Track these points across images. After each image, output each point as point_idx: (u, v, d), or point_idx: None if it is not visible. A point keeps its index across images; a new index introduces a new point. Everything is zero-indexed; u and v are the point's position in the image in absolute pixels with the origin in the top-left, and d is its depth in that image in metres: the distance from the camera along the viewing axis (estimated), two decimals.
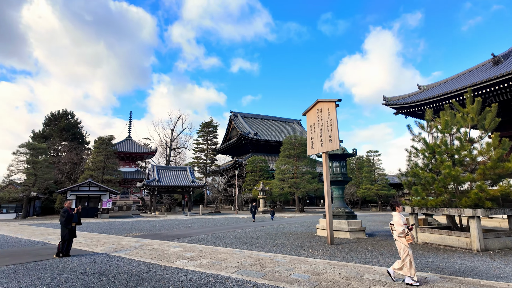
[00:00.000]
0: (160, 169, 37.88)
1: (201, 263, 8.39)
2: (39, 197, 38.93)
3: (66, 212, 9.61)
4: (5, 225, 22.08)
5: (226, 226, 20.70)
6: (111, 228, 19.04)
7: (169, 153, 62.62)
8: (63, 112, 51.68)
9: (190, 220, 26.07)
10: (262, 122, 64.35)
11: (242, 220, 26.66)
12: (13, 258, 9.32)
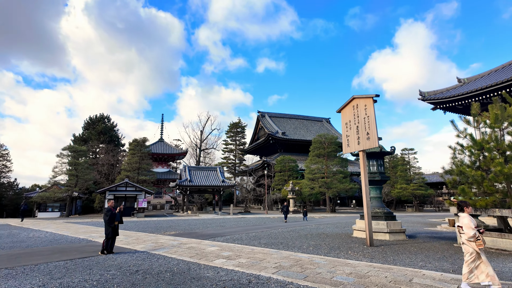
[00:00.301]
0: (192, 170, 38.72)
1: (240, 262, 8.37)
2: (80, 197, 41.32)
3: (110, 211, 10.01)
4: (52, 223, 23.59)
5: (258, 226, 20.68)
6: (148, 227, 19.69)
7: (199, 154, 63.96)
8: (100, 116, 54.50)
9: (222, 220, 26.36)
10: (289, 121, 63.84)
11: (273, 220, 26.52)
12: (63, 254, 9.86)
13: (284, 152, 55.06)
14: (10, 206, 45.91)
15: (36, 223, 24.34)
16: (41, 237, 14.56)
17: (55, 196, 34.67)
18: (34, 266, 8.07)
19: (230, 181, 41.63)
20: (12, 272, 7.40)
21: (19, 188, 52.96)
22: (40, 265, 8.18)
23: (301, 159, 52.11)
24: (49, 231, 17.04)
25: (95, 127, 52.09)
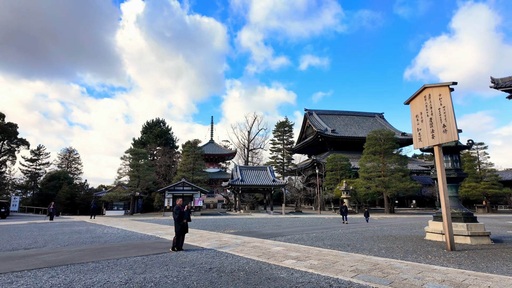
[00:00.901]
0: (243, 169, 39.23)
1: (311, 264, 8.02)
2: (141, 196, 44.30)
3: (179, 210, 10.33)
4: (120, 221, 25.51)
5: (315, 226, 20.07)
6: (206, 225, 20.24)
7: (247, 154, 64.73)
8: (156, 120, 58.02)
9: (276, 219, 26.18)
10: (339, 118, 61.60)
11: (329, 220, 25.63)
12: (138, 250, 10.42)
13: (334, 151, 53.22)
14: (82, 205, 50.97)
15: (106, 220, 26.52)
16: (114, 233, 15.71)
17: (120, 196, 37.57)
18: (116, 260, 8.59)
19: (281, 181, 41.34)
20: (99, 265, 7.93)
21: (89, 189, 58.69)
22: (121, 259, 8.68)
23: (354, 157, 49.90)
24: (119, 228, 18.36)
25: (152, 131, 55.56)
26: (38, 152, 54.93)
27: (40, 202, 48.86)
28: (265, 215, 32.62)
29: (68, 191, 48.81)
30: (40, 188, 52.54)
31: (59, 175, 52.52)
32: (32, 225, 20.60)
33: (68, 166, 61.03)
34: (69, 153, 62.12)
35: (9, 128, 45.99)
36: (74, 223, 23.01)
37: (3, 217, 29.04)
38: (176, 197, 32.97)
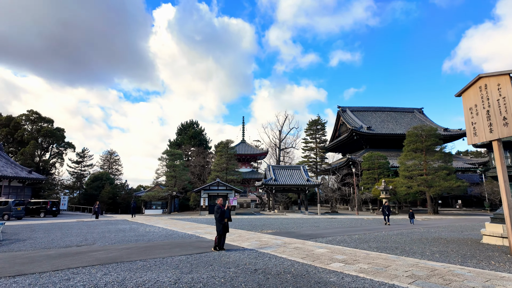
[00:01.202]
0: (276, 169, 38.97)
1: (361, 268, 7.58)
2: (178, 196, 45.65)
3: (220, 209, 10.33)
4: (159, 219, 26.35)
5: (355, 227, 19.31)
6: (243, 224, 20.23)
7: (279, 153, 64.33)
8: (190, 122, 59.52)
9: (312, 220, 25.61)
10: (374, 114, 59.18)
11: (369, 221, 24.60)
12: (181, 249, 10.56)
13: (371, 148, 51.17)
14: (123, 204, 53.58)
15: (146, 219, 27.53)
16: (156, 232, 16.17)
17: (158, 195, 38.94)
18: (162, 259, 8.73)
19: (315, 180, 40.53)
20: (146, 264, 8.09)
21: (129, 188, 61.57)
22: (166, 258, 8.82)
23: (392, 155, 47.66)
24: (160, 227, 18.91)
25: (187, 132, 57.07)
26: (83, 154, 58.57)
27: (85, 201, 52.06)
28: (300, 215, 32.10)
29: (110, 191, 51.50)
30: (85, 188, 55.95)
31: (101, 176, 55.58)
32: (80, 223, 21.89)
33: (110, 167, 64.41)
34: (110, 155, 65.58)
35: (57, 133, 49.52)
36: (118, 221, 24.11)
37: (54, 215, 31.24)
38: (211, 197, 33.53)
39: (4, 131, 46.30)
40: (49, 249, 10.71)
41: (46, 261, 8.35)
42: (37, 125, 48.83)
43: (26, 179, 35.28)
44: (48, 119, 50.02)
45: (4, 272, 7.04)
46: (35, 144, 45.06)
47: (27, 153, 43.65)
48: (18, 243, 12.00)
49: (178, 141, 57.24)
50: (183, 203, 49.68)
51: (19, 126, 47.60)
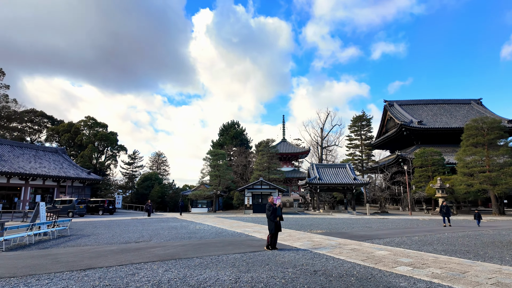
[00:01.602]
0: (320, 167, 37.97)
1: (434, 273, 6.85)
2: (222, 195, 46.57)
3: (271, 207, 10.13)
4: (206, 217, 26.97)
5: (412, 228, 17.96)
6: (289, 224, 19.86)
7: (321, 152, 62.81)
8: (231, 122, 60.52)
9: (362, 220, 24.43)
10: (425, 107, 55.10)
11: (425, 222, 22.83)
12: (234, 247, 10.53)
13: (422, 144, 47.68)
14: (171, 202, 56.06)
15: (194, 217, 28.36)
16: (206, 229, 16.47)
17: (204, 194, 40.05)
18: (217, 256, 8.74)
19: (363, 179, 38.77)
20: (203, 261, 8.14)
21: (176, 188, 64.34)
22: (221, 256, 8.81)
23: (447, 151, 43.98)
24: (209, 225, 19.27)
25: (228, 133, 58.11)
26: (134, 156, 62.41)
27: (137, 200, 55.39)
28: (348, 215, 30.87)
29: (159, 190, 54.23)
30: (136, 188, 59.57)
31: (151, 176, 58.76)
32: (135, 221, 23.17)
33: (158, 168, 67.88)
34: (158, 156, 69.14)
35: (111, 136, 53.31)
36: (168, 219, 25.13)
37: (111, 213, 33.56)
38: (255, 196, 33.61)
39: (66, 136, 50.96)
40: (112, 244, 11.34)
41: (111, 256, 8.79)
42: (93, 129, 53.03)
43: (86, 179, 38.40)
44: (103, 124, 54.07)
45: (76, 266, 7.50)
46: (93, 147, 48.96)
47: (86, 156, 47.57)
48: (84, 238, 12.91)
49: (220, 141, 58.48)
50: (227, 202, 50.60)
51: (78, 131, 52.10)
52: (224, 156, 42.48)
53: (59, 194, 36.12)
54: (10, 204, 31.49)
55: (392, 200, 50.08)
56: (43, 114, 55.57)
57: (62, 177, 35.04)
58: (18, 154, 35.02)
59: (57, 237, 13.13)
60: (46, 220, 14.52)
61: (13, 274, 6.70)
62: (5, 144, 35.66)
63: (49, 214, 17.68)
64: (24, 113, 50.34)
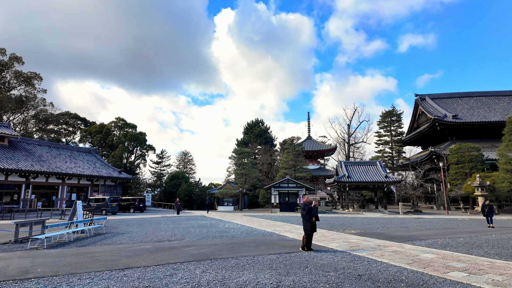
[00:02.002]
0: (348, 165, 36.85)
1: (495, 280, 6.19)
2: (247, 193, 46.58)
3: (306, 206, 9.74)
4: (234, 216, 26.95)
5: (453, 229, 16.85)
6: (320, 223, 19.23)
7: (348, 149, 61.14)
8: (256, 121, 60.41)
9: (396, 220, 23.37)
10: (460, 101, 52.03)
11: (465, 222, 21.43)
12: (268, 247, 10.25)
13: (458, 140, 45.07)
14: (197, 201, 56.91)
15: (222, 215, 28.44)
16: (236, 228, 16.34)
17: (230, 192, 40.21)
18: (253, 257, 8.50)
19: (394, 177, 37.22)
20: (239, 262, 7.91)
21: (202, 186, 65.28)
22: (257, 257, 8.56)
23: (485, 146, 41.32)
24: (238, 223, 19.16)
25: (253, 131, 58.05)
26: (161, 155, 63.97)
27: (165, 198, 56.74)
28: (379, 214, 29.72)
29: (186, 189, 55.22)
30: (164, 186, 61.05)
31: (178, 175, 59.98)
32: (165, 218, 23.55)
33: (184, 167, 69.18)
34: (184, 155, 70.49)
35: (140, 137, 54.90)
36: (197, 217, 25.35)
37: (141, 211, 34.49)
38: (281, 194, 33.21)
39: (98, 137, 53.08)
40: (146, 243, 11.44)
41: (147, 255, 8.80)
42: (123, 130, 54.88)
43: (117, 178, 39.75)
44: (132, 125, 55.79)
45: (114, 265, 7.53)
46: (123, 147, 50.66)
47: (117, 156, 49.31)
48: (118, 236, 13.17)
49: (245, 140, 58.55)
50: (252, 200, 50.57)
51: (109, 132, 54.11)
52: (250, 154, 42.38)
53: (93, 193, 37.65)
54: (49, 202, 33.20)
55: (425, 199, 47.81)
56: (76, 116, 58.26)
57: (95, 176, 36.48)
58: (55, 154, 36.86)
59: (94, 235, 13.49)
60: (83, 218, 14.99)
61: (55, 272, 6.81)
62: (44, 145, 37.66)
63: (85, 212, 18.31)
64: (59, 115, 53.00)
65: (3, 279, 6.24)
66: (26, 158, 31.41)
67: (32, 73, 45.58)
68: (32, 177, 30.61)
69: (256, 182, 41.90)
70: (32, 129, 49.07)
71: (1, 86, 44.17)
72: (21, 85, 45.45)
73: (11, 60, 43.87)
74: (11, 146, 32.28)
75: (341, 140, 62.34)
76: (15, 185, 29.62)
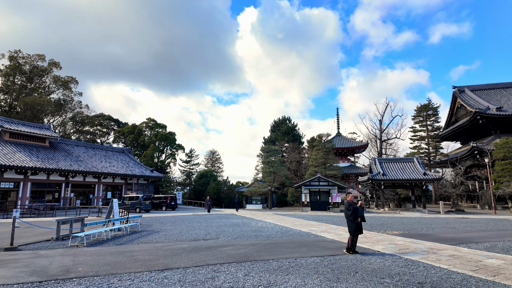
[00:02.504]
0: (383, 162, 35.16)
1: None
2: (275, 192, 46.04)
3: (351, 206, 9.04)
4: (264, 214, 26.53)
5: (507, 230, 15.29)
6: None
7: (380, 145, 58.73)
8: (283, 118, 59.62)
9: (439, 220, 21.80)
10: (504, 92, 48.03)
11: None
12: (308, 249, 9.67)
13: (503, 134, 41.60)
14: (226, 199, 57.24)
15: (252, 213, 28.13)
16: (269, 227, 15.88)
17: (259, 191, 39.87)
18: (295, 260, 7.98)
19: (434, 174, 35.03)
20: (281, 265, 7.42)
21: (230, 185, 65.61)
22: (299, 259, 8.02)
23: None
24: (270, 222, 18.69)
25: (280, 129, 57.34)
26: (190, 154, 65.09)
27: (194, 196, 57.64)
28: (418, 214, 28.03)
29: (214, 187, 55.72)
30: (193, 185, 62.07)
31: (206, 174, 60.69)
32: (197, 217, 23.59)
33: (212, 165, 70.00)
34: (212, 154, 71.29)
35: (170, 136, 56.07)
36: (228, 215, 25.21)
37: (173, 209, 35.09)
38: (312, 193, 32.33)
39: (131, 137, 54.86)
40: (182, 241, 11.27)
41: (184, 255, 8.55)
42: (154, 130, 56.32)
43: (149, 177, 40.76)
44: (162, 125, 57.12)
45: (154, 265, 7.31)
46: (154, 147, 51.97)
47: (148, 155, 50.67)
48: (154, 235, 13.16)
49: (272, 137, 57.93)
50: (281, 199, 49.92)
51: (141, 132, 55.76)
52: (278, 152, 41.80)
53: (127, 191, 38.87)
54: (86, 200, 34.67)
55: (466, 197, 44.73)
56: (110, 118, 60.62)
57: (129, 175, 37.59)
58: (91, 154, 38.43)
59: (130, 233, 13.60)
60: (119, 216, 15.22)
61: (96, 272, 6.68)
62: (81, 145, 39.41)
63: (121, 210, 18.69)
64: (94, 117, 55.40)
65: (46, 278, 6.19)
66: (65, 158, 32.95)
67: (69, 77, 47.92)
68: (71, 176, 32.05)
69: (285, 180, 41.21)
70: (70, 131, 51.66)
71: (42, 91, 46.86)
72: (59, 89, 47.93)
73: (50, 65, 46.36)
74: (52, 147, 34.00)
75: (372, 137, 60.06)
76: (56, 184, 31.15)
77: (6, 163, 25.71)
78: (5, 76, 43.76)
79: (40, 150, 31.78)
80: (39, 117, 44.26)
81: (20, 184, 27.80)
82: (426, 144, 51.64)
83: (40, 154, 30.93)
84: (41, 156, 30.45)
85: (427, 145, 51.63)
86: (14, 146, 29.79)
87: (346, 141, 55.88)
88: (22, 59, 44.62)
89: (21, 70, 44.40)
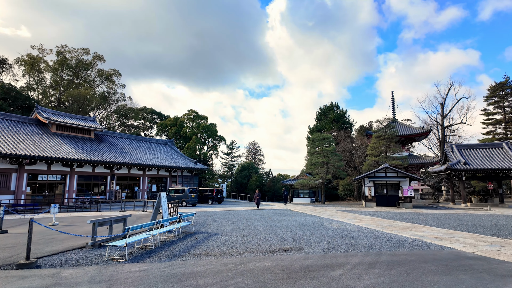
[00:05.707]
0: (463, 149, 29.64)
1: None
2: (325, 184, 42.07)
3: None
4: (324, 210, 22.93)
5: None
6: (454, 224, 14.09)
7: (442, 132, 51.89)
8: (330, 105, 54.91)
9: None
10: None
11: None
12: (461, 272, 6.00)
13: None
14: (269, 192, 54.22)
15: (308, 209, 24.70)
16: (353, 230, 12.32)
17: (310, 183, 36.25)
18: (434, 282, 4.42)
19: None
20: None
21: (273, 177, 62.59)
22: None
23: None
24: (348, 222, 15.09)
25: (327, 116, 52.77)
26: (231, 146, 62.99)
27: (236, 189, 55.47)
28: None
29: (257, 179, 52.99)
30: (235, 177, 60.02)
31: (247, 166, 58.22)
32: (249, 212, 20.66)
33: (253, 158, 67.47)
34: (252, 146, 68.71)
35: (212, 128, 54.20)
36: (283, 211, 22.01)
37: (219, 202, 32.80)
38: (377, 185, 27.97)
39: (173, 129, 53.86)
40: (256, 253, 8.17)
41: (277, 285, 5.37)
42: (195, 122, 54.81)
43: (194, 169, 38.94)
44: (204, 116, 55.41)
45: None
46: (196, 138, 50.37)
47: (191, 147, 49.15)
48: (213, 239, 10.31)
49: (318, 126, 53.53)
50: (330, 192, 45.76)
51: (183, 124, 54.55)
52: (332, 140, 37.67)
53: (171, 184, 37.41)
54: (132, 193, 33.61)
55: None
56: (153, 111, 60.31)
57: (173, 167, 35.98)
58: (135, 146, 37.39)
59: (183, 236, 10.91)
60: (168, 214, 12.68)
61: None
62: (125, 137, 38.59)
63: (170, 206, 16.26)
64: (138, 110, 55.22)
65: None
66: (110, 150, 31.94)
67: (112, 69, 47.68)
68: (116, 169, 30.94)
69: (340, 172, 37.04)
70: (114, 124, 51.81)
71: (87, 85, 47.13)
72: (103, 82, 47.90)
73: (94, 59, 46.33)
74: (97, 139, 33.23)
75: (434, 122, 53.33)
76: (102, 176, 30.20)
77: (53, 155, 24.81)
78: (54, 71, 44.41)
79: (86, 142, 30.99)
80: (85, 111, 44.48)
81: (67, 177, 26.99)
82: (504, 129, 44.24)
83: (85, 146, 30.08)
84: (86, 148, 29.56)
85: (504, 130, 44.21)
86: (61, 138, 29.14)
87: (405, 128, 49.90)
88: (68, 53, 44.96)
89: (68, 64, 44.78)
